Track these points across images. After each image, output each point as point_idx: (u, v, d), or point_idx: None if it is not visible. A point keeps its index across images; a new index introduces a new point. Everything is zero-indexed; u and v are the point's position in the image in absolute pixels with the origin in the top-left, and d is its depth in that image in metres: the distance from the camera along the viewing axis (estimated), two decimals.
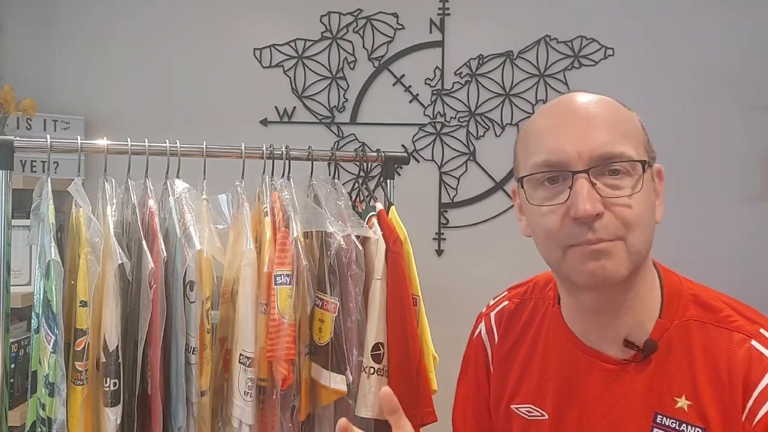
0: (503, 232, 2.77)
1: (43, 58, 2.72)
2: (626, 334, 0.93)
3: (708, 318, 0.92)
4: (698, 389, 0.89)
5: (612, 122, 0.90)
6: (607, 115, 0.91)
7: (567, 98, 0.95)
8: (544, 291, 1.08)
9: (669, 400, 0.90)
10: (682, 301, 0.94)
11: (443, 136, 2.77)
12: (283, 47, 2.75)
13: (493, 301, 1.15)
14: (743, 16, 2.76)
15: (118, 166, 1.61)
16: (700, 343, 0.91)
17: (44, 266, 1.46)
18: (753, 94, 2.75)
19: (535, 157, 0.91)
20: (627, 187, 0.88)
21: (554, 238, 0.90)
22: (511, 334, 1.08)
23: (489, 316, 1.13)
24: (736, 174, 2.75)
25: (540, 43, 2.76)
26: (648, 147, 0.93)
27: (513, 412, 1.04)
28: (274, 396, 1.55)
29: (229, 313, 1.59)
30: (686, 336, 0.92)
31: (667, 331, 0.93)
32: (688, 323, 0.93)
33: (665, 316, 0.94)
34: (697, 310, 0.94)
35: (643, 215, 0.88)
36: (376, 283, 1.62)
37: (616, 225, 0.87)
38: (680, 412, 0.89)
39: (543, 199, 0.91)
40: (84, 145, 1.61)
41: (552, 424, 0.99)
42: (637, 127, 0.93)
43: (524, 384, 1.04)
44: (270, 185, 1.67)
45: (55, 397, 1.41)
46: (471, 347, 1.16)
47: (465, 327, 1.20)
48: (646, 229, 0.89)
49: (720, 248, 2.73)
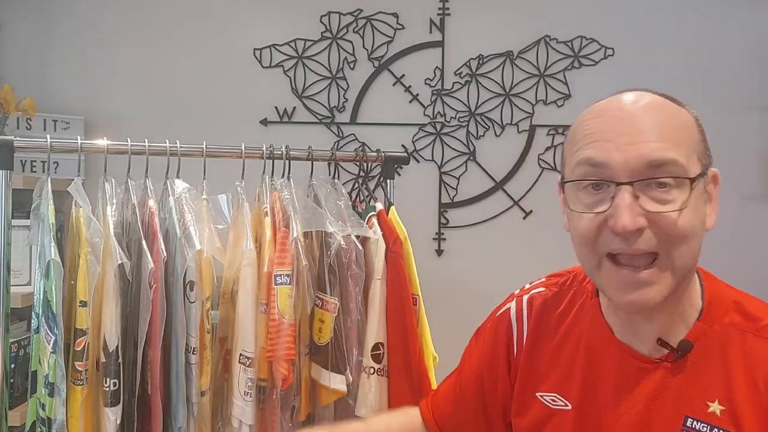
0: (503, 232, 2.77)
1: (43, 58, 2.72)
2: (661, 334, 0.92)
3: (748, 326, 0.90)
4: (733, 395, 0.87)
5: (665, 130, 0.85)
6: (662, 120, 0.86)
7: (619, 96, 0.90)
8: (583, 283, 1.06)
9: (701, 403, 0.88)
10: (722, 307, 0.92)
11: (443, 136, 2.77)
12: (283, 47, 2.75)
13: (529, 285, 1.13)
14: (743, 16, 2.76)
15: (118, 166, 1.61)
16: (738, 350, 0.89)
17: (44, 266, 1.46)
18: (753, 94, 2.75)
19: (580, 154, 0.88)
20: (675, 201, 0.83)
21: (590, 246, 0.88)
22: (546, 321, 1.06)
23: (522, 298, 1.11)
24: (736, 174, 2.75)
25: (540, 43, 2.76)
26: (703, 153, 0.89)
27: (537, 399, 1.03)
28: (274, 396, 1.55)
29: (229, 313, 1.59)
30: (724, 342, 0.90)
31: (705, 334, 0.91)
32: (728, 329, 0.90)
33: (704, 320, 0.92)
34: (738, 317, 0.91)
35: (690, 230, 0.85)
36: (376, 283, 1.62)
37: (659, 239, 0.84)
38: (712, 417, 0.87)
39: (584, 206, 0.88)
40: (84, 145, 1.61)
41: (575, 415, 0.98)
42: (692, 133, 0.89)
43: (553, 373, 1.02)
44: (270, 185, 1.67)
45: (55, 397, 1.41)
46: (491, 321, 1.14)
47: (465, 327, 1.20)
48: (693, 243, 0.86)
49: (720, 248, 2.72)
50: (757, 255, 2.73)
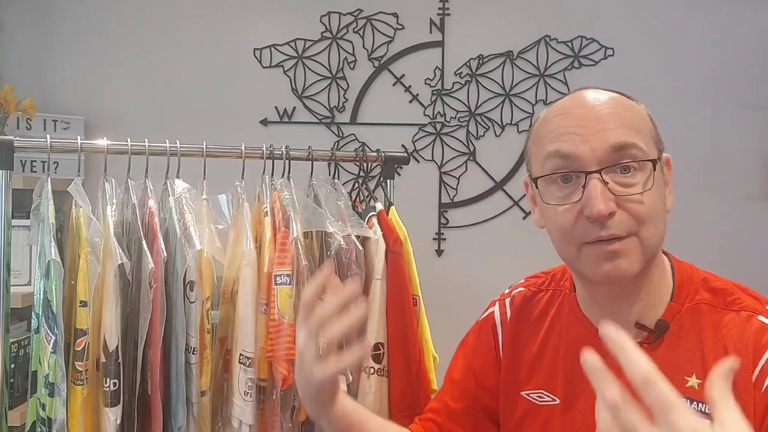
0: (503, 232, 2.77)
1: (43, 58, 2.72)
2: (639, 318, 0.96)
3: (718, 302, 0.95)
4: (708, 368, 0.90)
5: (623, 119, 0.91)
6: (619, 112, 0.92)
7: (578, 95, 0.96)
8: (560, 282, 1.09)
9: (680, 379, 0.91)
10: (692, 286, 0.97)
11: (443, 136, 2.77)
12: (283, 47, 2.75)
13: (509, 290, 1.16)
14: (743, 16, 2.76)
15: (118, 166, 1.61)
16: (710, 324, 0.93)
17: (44, 266, 1.46)
18: (753, 94, 2.76)
19: (548, 149, 0.93)
20: (638, 183, 0.89)
21: (569, 236, 0.92)
22: (524, 321, 1.09)
23: (504, 301, 1.14)
24: (736, 174, 2.75)
25: (540, 43, 2.76)
26: (657, 140, 0.95)
27: (523, 398, 1.05)
28: (274, 396, 1.55)
29: (229, 313, 1.59)
30: (696, 318, 0.94)
31: (678, 313, 0.95)
32: (699, 306, 0.95)
33: (676, 299, 0.96)
34: (707, 293, 0.96)
35: (654, 210, 0.90)
36: (376, 283, 1.62)
37: (630, 221, 0.89)
38: (691, 391, 0.90)
39: (557, 198, 0.93)
40: (84, 145, 1.61)
41: (563, 408, 1.00)
42: (647, 122, 0.95)
43: (536, 371, 1.04)
44: (270, 185, 1.67)
45: (55, 397, 1.41)
46: (476, 325, 1.16)
47: (465, 327, 1.20)
48: (659, 223, 0.91)
49: (720, 248, 2.72)
50: (758, 255, 2.73)
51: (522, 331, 1.08)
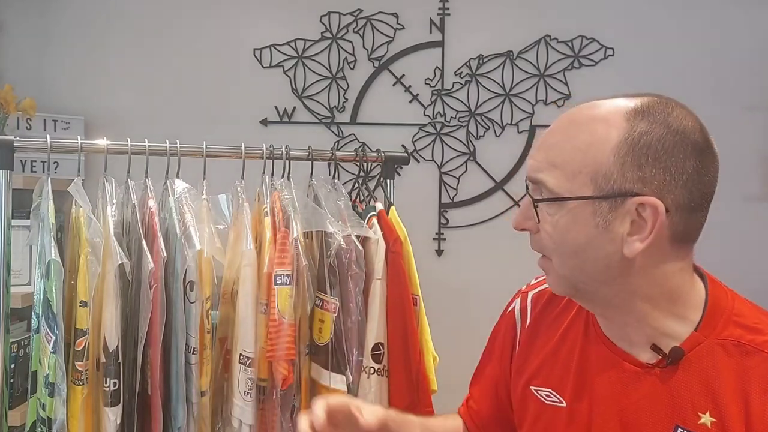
0: (503, 232, 2.77)
1: (43, 58, 2.72)
2: (654, 340, 0.92)
3: (747, 340, 0.89)
4: (725, 408, 0.86)
5: (551, 149, 0.90)
6: (555, 141, 0.91)
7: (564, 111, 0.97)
8: None
9: (692, 414, 0.88)
10: (723, 318, 0.91)
11: (443, 136, 2.77)
12: (283, 47, 2.75)
13: (535, 281, 1.14)
14: (743, 16, 2.76)
15: (118, 166, 1.61)
16: (734, 364, 0.88)
17: (44, 266, 1.46)
18: (753, 95, 2.75)
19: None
20: (540, 216, 0.91)
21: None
22: (546, 316, 1.08)
23: (527, 294, 1.13)
24: (736, 174, 2.75)
25: (540, 43, 2.76)
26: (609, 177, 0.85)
27: (531, 393, 1.04)
28: (274, 396, 1.55)
29: (229, 313, 1.59)
30: (720, 354, 0.89)
31: (700, 345, 0.90)
32: (725, 343, 0.89)
33: (702, 329, 0.90)
34: (737, 330, 0.90)
35: (555, 246, 0.91)
36: (376, 283, 1.62)
37: (539, 246, 0.94)
38: (703, 428, 0.87)
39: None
40: (84, 145, 1.61)
41: (569, 411, 0.99)
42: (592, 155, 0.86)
43: (547, 368, 1.04)
44: (270, 185, 1.67)
45: (55, 397, 1.41)
46: (502, 321, 1.16)
47: (465, 327, 1.20)
48: (568, 259, 0.91)
49: (720, 248, 2.72)
50: (758, 255, 2.73)
51: (541, 326, 1.08)
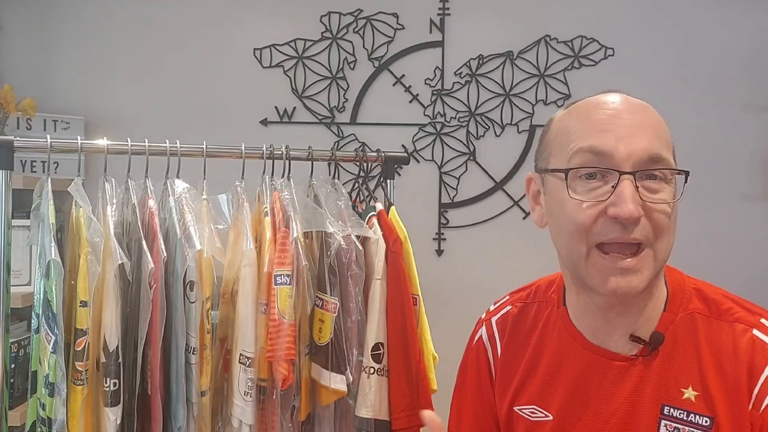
0: (503, 232, 2.77)
1: (43, 58, 2.72)
2: (633, 330, 0.95)
3: (710, 311, 0.94)
4: (705, 380, 0.90)
5: (657, 129, 0.91)
6: (652, 121, 0.92)
7: (609, 96, 0.94)
8: (546, 294, 1.08)
9: (676, 391, 0.91)
10: (685, 294, 0.96)
11: (443, 136, 2.77)
12: (283, 47, 2.75)
13: (494, 306, 1.14)
14: (743, 16, 2.76)
15: (118, 166, 1.61)
16: (704, 335, 0.93)
17: (44, 266, 1.46)
18: (753, 94, 2.75)
19: (581, 143, 0.90)
20: (665, 193, 0.89)
21: (584, 234, 0.89)
22: (516, 338, 1.08)
23: (490, 321, 1.13)
24: (736, 174, 2.75)
25: (540, 43, 2.76)
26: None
27: (516, 414, 1.04)
28: (274, 396, 1.55)
29: (229, 313, 1.59)
30: (691, 328, 0.94)
31: (672, 323, 0.94)
32: (692, 315, 0.95)
33: (670, 309, 0.95)
34: (700, 303, 0.96)
35: (673, 224, 0.90)
36: (376, 283, 1.62)
37: (649, 230, 0.88)
38: (687, 403, 0.90)
39: (581, 194, 0.90)
40: (84, 145, 1.61)
41: (557, 425, 0.99)
42: (670, 137, 0.94)
43: (528, 386, 1.03)
44: (270, 185, 1.67)
45: (55, 397, 1.41)
46: (470, 352, 1.15)
47: (465, 327, 1.20)
48: (672, 236, 0.91)
49: (720, 248, 2.73)
50: (757, 255, 2.73)
51: (512, 348, 1.07)
